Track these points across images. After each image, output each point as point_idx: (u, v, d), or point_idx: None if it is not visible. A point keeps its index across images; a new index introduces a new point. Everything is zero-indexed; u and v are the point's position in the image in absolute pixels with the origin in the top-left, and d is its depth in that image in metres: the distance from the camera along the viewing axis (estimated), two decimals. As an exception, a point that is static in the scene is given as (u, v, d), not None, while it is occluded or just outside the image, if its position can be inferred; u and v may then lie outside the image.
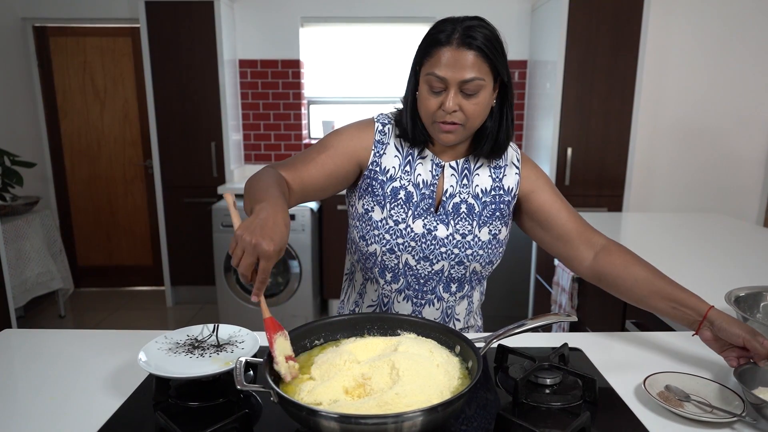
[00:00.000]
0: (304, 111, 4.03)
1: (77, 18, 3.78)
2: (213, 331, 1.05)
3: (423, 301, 1.17)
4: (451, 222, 1.13)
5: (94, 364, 1.04)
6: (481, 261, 1.15)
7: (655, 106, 3.84)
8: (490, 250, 1.15)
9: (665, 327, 1.37)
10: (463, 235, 1.13)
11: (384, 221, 1.13)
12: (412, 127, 1.12)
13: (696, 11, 3.70)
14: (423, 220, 1.13)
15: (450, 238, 1.13)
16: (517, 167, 1.18)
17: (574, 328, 2.11)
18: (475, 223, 1.14)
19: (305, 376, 0.86)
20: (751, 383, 0.90)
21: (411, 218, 1.13)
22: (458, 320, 1.22)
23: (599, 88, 3.36)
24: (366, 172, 1.15)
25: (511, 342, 1.07)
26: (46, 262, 3.38)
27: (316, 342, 0.97)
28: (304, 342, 0.95)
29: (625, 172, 3.46)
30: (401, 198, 1.13)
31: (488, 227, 1.15)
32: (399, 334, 0.99)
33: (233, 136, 3.78)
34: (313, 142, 4.02)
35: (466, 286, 1.19)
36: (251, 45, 3.85)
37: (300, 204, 1.14)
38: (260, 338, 1.03)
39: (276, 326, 0.85)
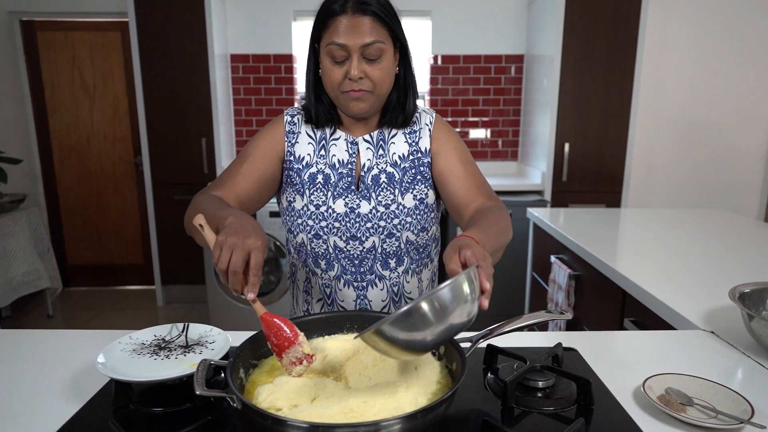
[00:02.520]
0: (297, 106, 3.96)
1: (65, 12, 3.70)
2: (182, 331, 0.98)
3: (364, 284, 1.15)
4: (373, 195, 1.12)
5: (54, 366, 0.97)
6: (412, 229, 1.13)
7: (653, 101, 3.77)
8: (419, 216, 1.13)
9: (666, 326, 1.31)
10: (387, 206, 1.12)
11: (305, 208, 1.12)
12: (316, 106, 1.12)
13: (695, 5, 3.64)
14: (344, 199, 1.12)
15: (374, 211, 1.11)
16: (430, 128, 1.16)
17: (571, 326, 2.04)
18: (397, 191, 1.12)
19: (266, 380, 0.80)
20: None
21: (331, 199, 1.12)
22: (411, 299, 1.19)
23: (597, 83, 3.30)
24: (284, 165, 1.15)
25: (501, 342, 1.00)
26: (32, 260, 3.31)
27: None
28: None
29: (624, 167, 3.40)
30: (319, 182, 1.13)
31: (412, 192, 1.13)
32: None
33: (224, 132, 3.71)
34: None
35: (406, 259, 1.16)
36: (243, 39, 3.78)
37: None
38: (232, 338, 0.96)
39: (272, 323, 0.81)
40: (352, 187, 1.13)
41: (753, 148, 3.83)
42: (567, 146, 3.35)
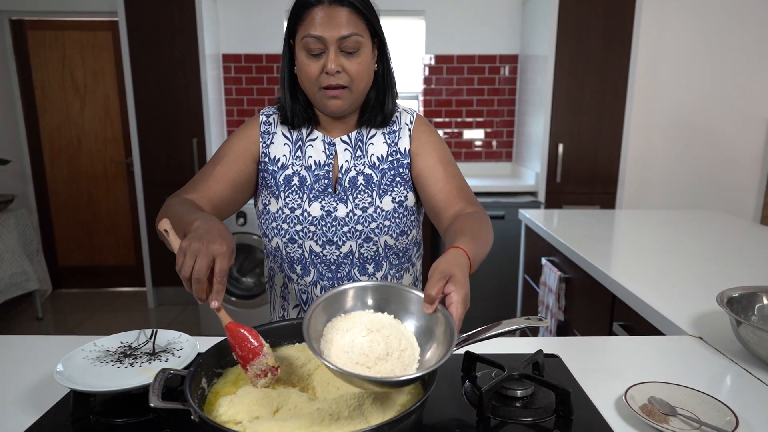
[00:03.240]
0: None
1: (55, 11, 3.67)
2: (150, 338, 0.95)
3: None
4: (350, 198, 1.08)
5: (14, 373, 0.94)
6: (390, 233, 1.09)
7: (648, 102, 3.74)
8: (398, 220, 1.09)
9: (655, 330, 1.27)
10: (364, 209, 1.07)
11: (280, 211, 1.09)
12: (291, 105, 1.08)
13: (690, 4, 3.61)
14: (320, 202, 1.08)
15: (351, 215, 1.07)
16: (410, 128, 1.12)
17: (561, 329, 2.01)
18: (375, 193, 1.08)
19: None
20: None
21: (306, 202, 1.07)
22: None
23: (591, 83, 3.27)
24: (259, 166, 1.12)
25: (480, 348, 0.96)
26: (21, 262, 3.27)
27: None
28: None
29: (618, 168, 3.37)
30: (295, 184, 1.09)
31: (390, 195, 1.09)
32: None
33: (216, 132, 3.67)
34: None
35: (385, 264, 1.12)
36: (235, 39, 3.75)
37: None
38: (200, 344, 0.93)
39: (237, 333, 0.76)
40: (329, 190, 1.09)
41: (749, 149, 3.80)
42: (561, 147, 3.33)
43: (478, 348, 0.95)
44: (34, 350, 1.04)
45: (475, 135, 3.93)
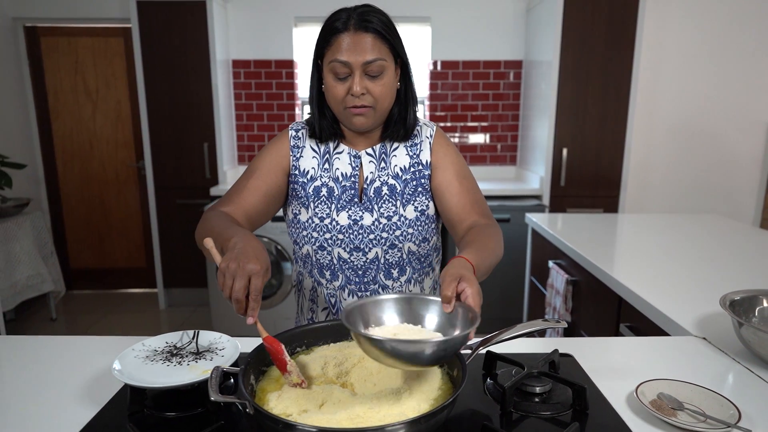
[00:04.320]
0: (297, 111, 4.00)
1: (68, 18, 3.74)
2: (193, 338, 1.02)
3: (368, 293, 1.19)
4: (375, 207, 1.16)
5: (70, 372, 1.01)
6: (413, 240, 1.17)
7: (650, 107, 3.82)
8: (420, 227, 1.17)
9: (660, 332, 1.34)
10: (389, 218, 1.15)
11: (310, 220, 1.16)
12: (320, 121, 1.15)
13: (691, 12, 3.68)
14: (347, 212, 1.15)
15: (376, 223, 1.15)
16: (430, 141, 1.20)
17: (568, 330, 2.08)
18: (398, 202, 1.16)
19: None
20: None
21: (335, 212, 1.15)
22: None
23: (595, 89, 3.34)
24: (290, 178, 1.19)
25: (499, 348, 1.04)
26: (36, 264, 3.34)
27: (298, 349, 0.95)
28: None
29: (621, 172, 3.44)
30: (324, 195, 1.16)
31: (413, 204, 1.17)
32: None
33: (226, 136, 3.75)
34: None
35: (408, 269, 1.20)
36: (244, 45, 3.82)
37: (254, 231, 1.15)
38: (241, 345, 1.00)
39: (276, 345, 0.84)
40: (355, 200, 1.16)
41: (749, 153, 3.88)
42: (565, 151, 3.39)
43: (496, 348, 1.02)
44: (80, 350, 1.11)
45: (480, 139, 4.01)
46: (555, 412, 0.88)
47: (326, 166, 1.18)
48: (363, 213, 1.15)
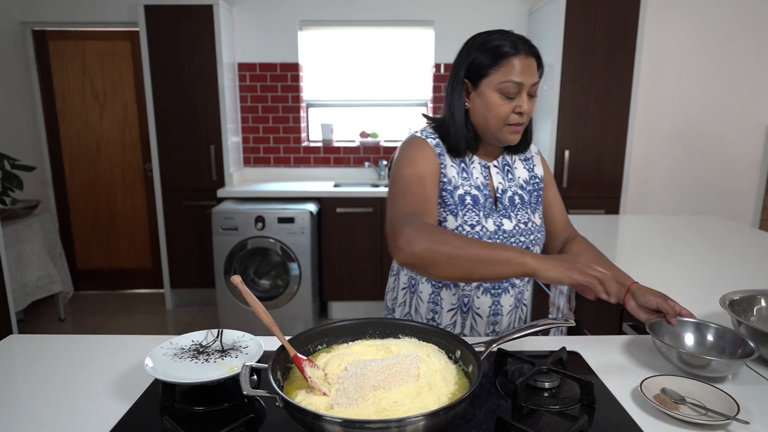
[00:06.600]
0: (303, 114, 4.05)
1: (76, 21, 3.79)
2: (217, 337, 1.07)
3: (500, 291, 1.27)
4: (512, 214, 1.24)
5: (99, 369, 1.06)
6: (539, 243, 1.28)
7: (652, 109, 3.87)
8: (541, 233, 1.29)
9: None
10: (525, 223, 1.25)
11: (460, 228, 1.20)
12: (466, 138, 1.20)
13: (692, 15, 3.73)
14: (492, 219, 1.22)
15: (516, 228, 1.24)
16: (540, 158, 1.36)
17: (572, 329, 2.13)
18: (529, 210, 1.27)
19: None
20: (659, 334, 1.11)
21: (483, 219, 1.21)
22: (525, 305, 1.34)
23: (597, 91, 3.39)
24: (440, 185, 1.22)
25: (509, 346, 1.09)
26: (46, 265, 3.39)
27: (319, 347, 0.99)
28: (307, 347, 0.97)
29: (622, 174, 3.48)
30: (469, 203, 1.22)
31: (538, 212, 1.30)
32: (400, 338, 1.01)
33: (232, 139, 3.80)
34: (312, 145, 4.05)
35: None
36: (250, 48, 3.87)
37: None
38: (264, 343, 1.04)
39: (298, 362, 0.87)
40: (493, 207, 1.24)
41: (749, 155, 3.93)
42: (567, 153, 3.44)
43: (507, 346, 1.07)
44: (107, 348, 1.16)
45: (482, 141, 4.04)
46: (564, 406, 0.93)
47: (464, 174, 1.23)
48: (502, 219, 1.23)
